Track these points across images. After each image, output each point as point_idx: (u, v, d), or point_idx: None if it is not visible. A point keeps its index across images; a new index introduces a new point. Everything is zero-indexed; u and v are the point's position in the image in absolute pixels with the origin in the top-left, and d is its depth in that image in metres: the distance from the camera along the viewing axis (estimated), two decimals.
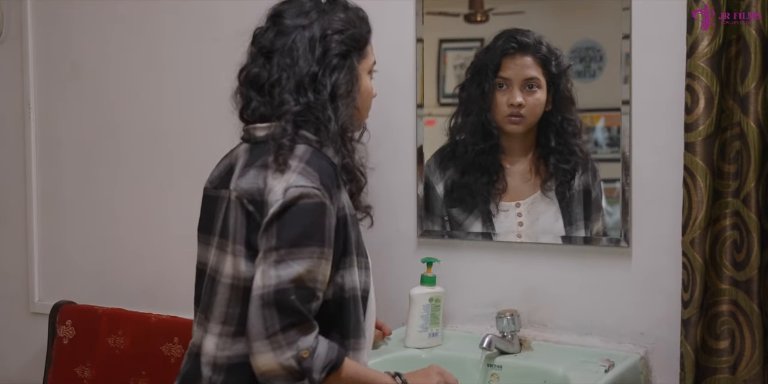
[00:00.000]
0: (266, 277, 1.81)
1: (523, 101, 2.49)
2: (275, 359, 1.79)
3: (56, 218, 3.38)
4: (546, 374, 2.31)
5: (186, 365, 2.02)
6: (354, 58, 2.01)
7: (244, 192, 1.91)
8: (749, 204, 2.09)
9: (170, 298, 3.05)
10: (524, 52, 2.49)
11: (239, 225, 1.90)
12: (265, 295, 1.80)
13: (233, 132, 2.94)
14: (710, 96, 2.11)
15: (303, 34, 1.98)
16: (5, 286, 3.49)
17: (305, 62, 1.96)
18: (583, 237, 2.46)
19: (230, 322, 1.90)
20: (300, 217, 1.84)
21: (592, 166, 2.47)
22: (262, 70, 2.00)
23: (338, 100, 1.97)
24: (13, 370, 3.48)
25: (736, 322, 2.15)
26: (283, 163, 1.88)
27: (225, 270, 1.92)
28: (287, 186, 1.85)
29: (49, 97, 3.36)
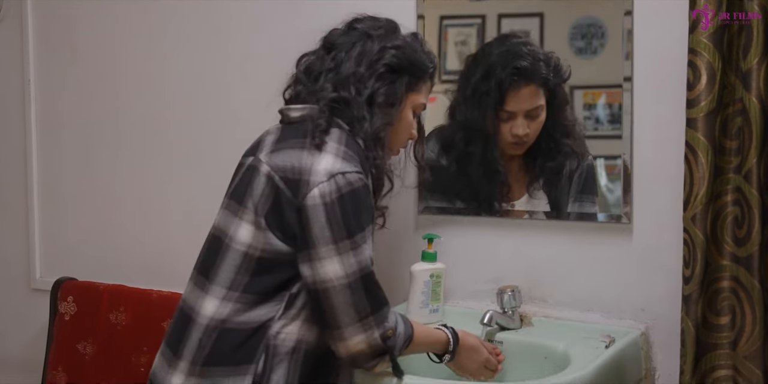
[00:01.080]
0: (347, 265, 1.89)
1: (528, 131, 2.49)
2: (366, 341, 1.91)
3: (57, 195, 3.38)
4: (547, 350, 2.31)
5: (175, 325, 2.06)
6: (404, 79, 2.09)
7: (277, 168, 1.96)
8: (751, 180, 2.09)
9: (171, 276, 3.06)
10: (527, 81, 2.47)
11: (265, 198, 1.95)
12: (353, 283, 1.89)
13: (233, 115, 2.97)
14: (712, 72, 2.11)
15: (366, 41, 2.08)
16: (6, 263, 3.50)
17: (355, 62, 2.05)
18: (584, 213, 2.46)
19: (236, 288, 1.95)
20: (356, 203, 1.92)
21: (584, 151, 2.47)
22: (317, 60, 2.11)
23: (375, 107, 2.04)
24: (14, 347, 3.49)
25: (736, 298, 2.15)
26: (321, 143, 1.95)
27: (240, 237, 1.96)
28: (332, 171, 1.92)
29: (49, 75, 3.36)
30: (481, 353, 2.20)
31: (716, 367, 2.17)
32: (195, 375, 1.95)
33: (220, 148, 3.01)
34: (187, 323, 2.00)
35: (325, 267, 1.89)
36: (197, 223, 3.03)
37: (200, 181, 3.06)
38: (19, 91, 3.39)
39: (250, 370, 1.91)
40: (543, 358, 2.30)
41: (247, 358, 1.92)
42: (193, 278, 2.07)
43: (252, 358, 1.92)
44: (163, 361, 2.04)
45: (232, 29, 2.99)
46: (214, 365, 1.94)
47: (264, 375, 1.91)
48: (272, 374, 1.92)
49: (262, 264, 1.94)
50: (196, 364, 1.95)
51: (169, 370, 2.00)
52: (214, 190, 3.00)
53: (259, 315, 1.93)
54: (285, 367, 1.92)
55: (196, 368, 1.95)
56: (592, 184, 2.45)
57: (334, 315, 1.90)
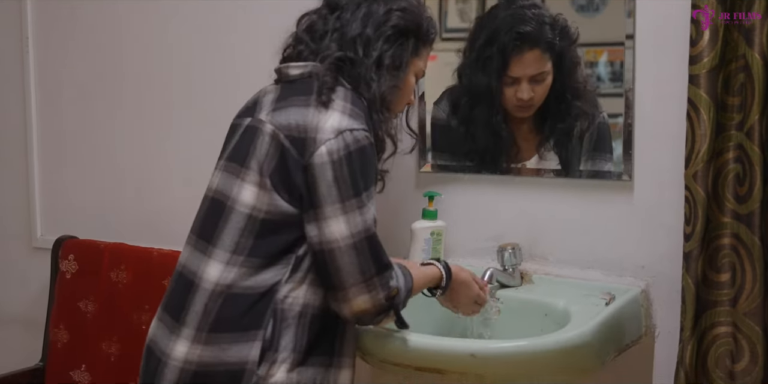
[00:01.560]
0: (352, 225, 1.88)
1: (533, 95, 2.47)
2: (371, 301, 1.90)
3: (57, 153, 3.38)
4: (547, 307, 2.32)
5: (175, 290, 2.03)
6: (410, 42, 2.08)
7: (282, 126, 1.94)
8: (753, 137, 2.09)
9: (172, 233, 3.04)
10: (531, 46, 2.45)
11: (269, 158, 1.93)
12: (358, 242, 1.88)
13: (233, 72, 2.96)
14: (715, 28, 2.10)
15: (371, 3, 2.05)
16: (7, 222, 3.51)
17: (362, 23, 2.02)
18: (585, 171, 2.45)
19: (240, 251, 1.92)
20: (363, 161, 1.91)
21: (595, 112, 2.45)
22: (320, 20, 2.08)
23: (382, 69, 2.03)
24: (16, 305, 3.51)
25: (737, 256, 2.15)
26: (328, 100, 1.94)
27: (243, 199, 1.94)
28: (340, 128, 1.90)
29: (48, 30, 3.35)
30: (472, 288, 2.21)
31: (716, 324, 2.17)
32: (201, 342, 1.92)
33: (220, 106, 2.97)
34: (189, 289, 1.96)
35: (331, 227, 1.87)
36: (197, 181, 3.02)
37: (200, 139, 3.05)
38: (17, 49, 3.38)
39: (258, 336, 1.89)
40: (543, 316, 2.31)
41: (254, 323, 1.90)
42: (191, 242, 2.04)
43: (260, 324, 1.90)
44: (164, 328, 2.01)
45: None
46: (221, 331, 1.91)
47: (273, 340, 1.89)
48: (281, 339, 1.90)
49: (266, 226, 1.92)
50: (202, 330, 1.92)
51: (171, 337, 1.97)
52: (214, 148, 3.00)
53: (266, 279, 1.91)
54: (293, 332, 1.91)
55: (201, 335, 1.92)
56: (605, 142, 2.43)
57: (339, 276, 1.89)
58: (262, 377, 1.89)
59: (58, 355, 3.18)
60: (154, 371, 1.99)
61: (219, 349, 1.91)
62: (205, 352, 1.92)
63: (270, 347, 1.90)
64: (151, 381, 1.99)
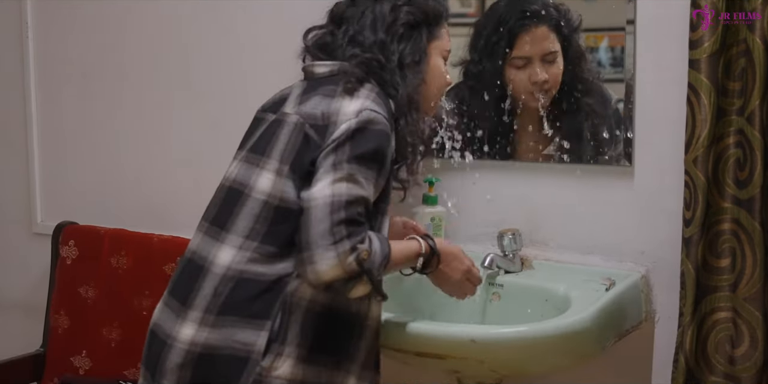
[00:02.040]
0: (336, 187, 1.84)
1: (547, 76, 2.47)
2: (338, 263, 1.81)
3: (57, 139, 3.37)
4: (547, 293, 2.32)
5: (183, 275, 2.02)
6: (423, 32, 2.06)
7: (307, 116, 1.94)
8: (753, 122, 2.08)
9: (172, 219, 3.06)
10: (538, 23, 2.45)
11: (291, 146, 1.93)
12: (336, 202, 1.83)
13: (235, 56, 2.95)
14: (716, 12, 2.09)
15: (374, 7, 2.04)
16: (7, 208, 3.51)
17: (372, 31, 2.02)
18: (585, 156, 2.45)
19: (254, 237, 1.92)
20: (372, 138, 1.89)
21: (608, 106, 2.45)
22: (328, 35, 2.07)
23: (406, 69, 2.02)
24: (17, 291, 3.51)
25: (737, 241, 2.15)
26: (354, 89, 1.93)
27: (260, 186, 1.94)
28: (361, 108, 1.90)
29: (47, 15, 3.34)
30: (463, 261, 2.13)
31: (716, 309, 2.18)
32: (208, 325, 1.91)
33: (221, 91, 3.00)
34: (199, 273, 1.95)
35: (317, 186, 1.85)
36: (197, 167, 3.05)
37: (201, 124, 3.05)
38: (16, 33, 3.37)
39: (266, 326, 1.88)
40: (543, 301, 2.31)
41: (263, 311, 1.89)
42: (202, 229, 2.02)
43: (269, 313, 1.88)
44: (169, 312, 2.00)
45: None
46: (229, 314, 1.90)
47: (280, 332, 1.88)
48: (288, 332, 1.89)
49: (280, 213, 1.91)
50: (210, 312, 1.91)
51: (178, 321, 1.95)
52: (214, 134, 3.01)
53: (278, 269, 1.90)
54: (299, 327, 1.89)
55: (209, 318, 1.91)
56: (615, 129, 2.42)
57: (308, 234, 1.82)
58: (266, 368, 1.88)
59: (58, 340, 3.18)
60: (158, 354, 1.97)
61: (226, 332, 1.90)
62: (212, 335, 1.91)
63: (276, 339, 1.88)
64: (155, 363, 1.97)
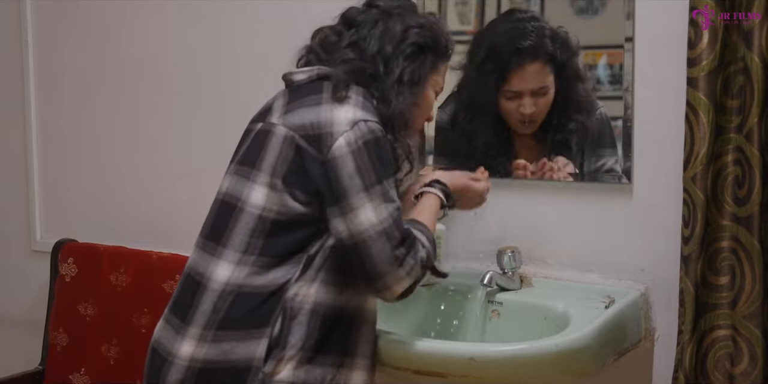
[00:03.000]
0: (379, 212, 1.87)
1: (535, 110, 2.47)
2: (410, 278, 1.90)
3: (57, 156, 3.38)
4: (546, 310, 2.32)
5: (183, 292, 2.02)
6: (428, 59, 2.07)
7: (295, 127, 1.94)
8: (752, 139, 2.08)
9: (171, 236, 3.06)
10: (532, 59, 2.46)
11: (282, 159, 1.93)
12: (387, 228, 1.87)
13: (236, 69, 2.95)
14: (714, 30, 2.09)
15: (387, 21, 2.04)
16: (7, 224, 3.51)
17: (379, 41, 2.02)
18: (584, 174, 2.45)
19: (251, 251, 1.92)
20: (380, 151, 1.91)
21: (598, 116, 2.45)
22: (335, 34, 2.08)
23: (403, 86, 2.02)
24: (16, 308, 3.50)
25: (736, 258, 2.15)
26: (343, 97, 1.93)
27: (253, 200, 1.94)
28: (354, 119, 1.90)
29: (47, 32, 3.34)
30: (474, 188, 2.27)
31: (715, 327, 2.17)
32: (207, 341, 1.91)
33: (221, 109, 3.00)
34: (197, 289, 1.96)
35: (360, 217, 1.86)
36: (197, 184, 3.04)
37: (201, 142, 3.05)
38: (17, 50, 3.38)
39: (265, 334, 1.89)
40: (542, 319, 2.31)
41: (262, 321, 1.89)
42: (199, 245, 2.03)
43: (268, 321, 1.89)
44: (169, 329, 2.00)
45: None
46: (228, 329, 1.91)
47: (280, 337, 1.88)
48: (289, 336, 1.89)
49: (277, 225, 1.92)
50: (209, 328, 1.92)
51: (177, 338, 1.96)
52: (215, 150, 3.00)
53: (276, 277, 1.91)
54: (303, 329, 1.90)
55: (209, 333, 1.92)
56: (605, 135, 2.43)
57: (374, 265, 1.87)
58: (268, 374, 1.88)
59: (57, 358, 3.18)
60: (158, 371, 1.98)
61: (226, 346, 1.90)
62: (211, 350, 1.91)
63: (277, 345, 1.89)
64: (156, 381, 1.99)
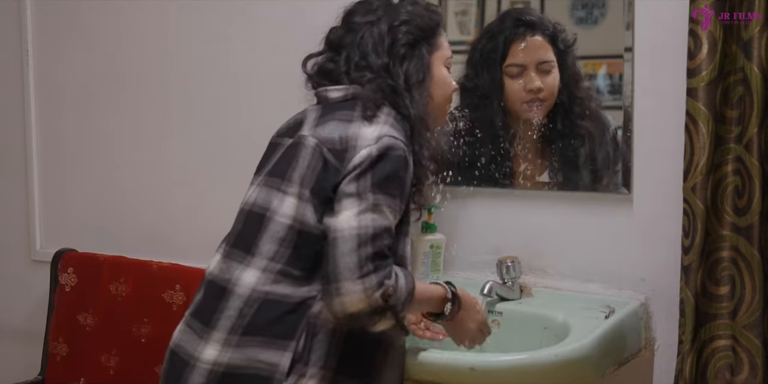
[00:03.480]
0: (363, 218, 1.85)
1: (542, 85, 2.47)
2: (365, 297, 1.83)
3: (57, 166, 3.37)
4: (546, 320, 2.32)
5: (207, 297, 2.01)
6: (423, 47, 2.06)
7: (324, 140, 1.94)
8: (751, 149, 2.09)
9: (171, 246, 3.06)
10: (533, 32, 2.46)
11: (311, 170, 1.93)
12: (363, 235, 1.84)
13: (236, 80, 2.96)
14: (713, 41, 2.10)
15: (371, 30, 2.04)
16: (6, 234, 3.50)
17: (375, 55, 2.02)
18: (584, 184, 2.45)
19: (279, 260, 1.92)
20: (395, 168, 1.90)
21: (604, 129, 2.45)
22: (330, 62, 2.08)
23: (412, 89, 2.02)
24: (15, 318, 3.50)
25: (736, 268, 2.15)
26: (372, 115, 1.94)
27: (284, 210, 1.94)
28: (380, 134, 1.90)
29: (47, 43, 3.34)
30: (479, 312, 2.15)
31: (715, 337, 2.17)
32: (231, 345, 1.91)
33: (220, 116, 3.00)
34: (223, 294, 1.95)
35: (340, 217, 1.86)
36: (197, 192, 3.05)
37: (200, 150, 3.05)
38: (17, 60, 3.38)
39: (290, 347, 1.88)
40: (542, 329, 2.31)
41: (287, 332, 1.89)
42: (224, 253, 2.02)
43: (293, 335, 1.89)
44: (191, 333, 1.99)
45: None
46: (253, 335, 1.90)
47: (303, 353, 1.88)
48: (311, 354, 1.88)
49: (302, 237, 1.92)
50: (234, 333, 1.91)
51: (200, 342, 1.95)
52: (213, 159, 3.02)
53: (302, 291, 1.91)
54: (324, 348, 1.89)
55: (233, 338, 1.91)
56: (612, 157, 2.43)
57: (336, 266, 1.83)
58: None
59: (57, 368, 3.17)
60: (179, 374, 1.97)
61: (250, 352, 1.90)
62: (235, 355, 1.91)
63: (300, 359, 1.88)
64: None
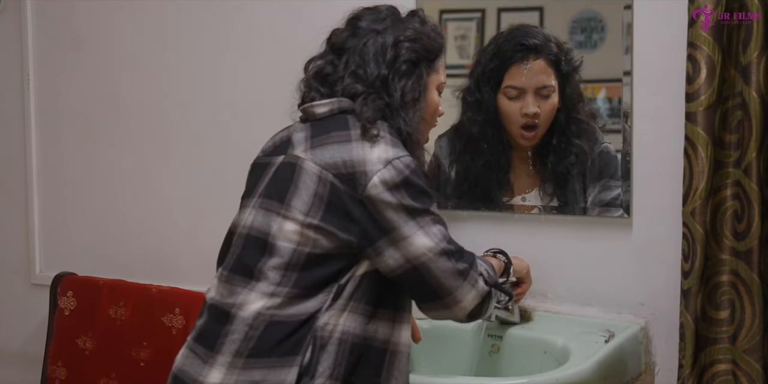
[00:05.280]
0: (432, 235, 1.90)
1: (539, 110, 2.47)
2: (477, 293, 1.94)
3: (57, 189, 3.38)
4: (546, 344, 2.32)
5: (210, 322, 2.00)
6: (423, 68, 2.05)
7: (328, 165, 1.92)
8: (750, 174, 2.09)
9: (171, 269, 3.06)
10: (535, 55, 2.45)
11: (319, 200, 1.91)
12: (445, 248, 1.91)
13: (235, 105, 2.96)
14: (712, 65, 2.11)
15: (376, 39, 2.02)
16: (6, 258, 3.50)
17: (375, 65, 2.01)
18: (583, 208, 2.45)
19: (285, 284, 1.91)
20: (417, 182, 1.92)
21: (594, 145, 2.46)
22: (329, 65, 2.06)
23: (407, 106, 2.01)
24: (14, 341, 3.49)
25: (736, 293, 2.15)
26: (375, 135, 1.93)
27: (286, 235, 1.92)
28: (388, 158, 1.90)
29: (48, 68, 3.35)
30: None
31: (715, 361, 2.17)
32: (237, 368, 1.90)
33: (219, 141, 3.01)
34: (227, 319, 1.94)
35: (414, 243, 1.88)
36: (197, 216, 3.05)
37: (199, 174, 3.06)
38: (18, 84, 3.39)
39: (295, 362, 1.87)
40: (543, 353, 2.31)
41: (293, 349, 1.88)
42: (224, 278, 2.00)
43: (298, 350, 1.88)
44: (194, 357, 1.98)
45: (235, 19, 2.98)
46: (259, 357, 1.89)
47: (310, 366, 1.87)
48: (318, 365, 1.88)
49: (312, 259, 1.91)
50: (240, 356, 1.90)
51: (205, 366, 1.93)
52: (213, 183, 3.02)
53: (308, 307, 1.90)
54: (332, 358, 1.88)
55: (239, 361, 1.90)
56: (610, 167, 2.43)
57: (441, 283, 1.90)
58: None
59: None
60: None
61: (256, 374, 1.89)
62: (241, 378, 1.89)
63: (307, 373, 1.87)
64: None
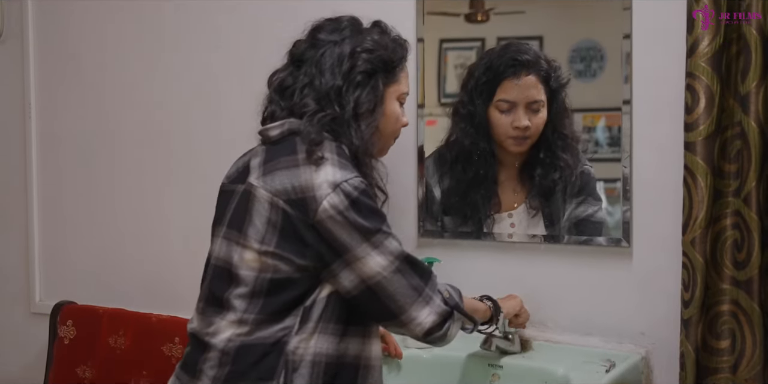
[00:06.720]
0: (387, 253, 1.92)
1: (530, 123, 2.48)
2: (434, 311, 1.94)
3: (57, 218, 3.38)
4: (547, 374, 2.31)
5: (191, 350, 2.03)
6: (380, 79, 2.06)
7: (278, 192, 1.94)
8: (750, 203, 2.09)
9: (171, 298, 3.06)
10: (527, 71, 2.46)
11: (272, 227, 1.93)
12: (400, 265, 1.92)
13: (233, 132, 2.97)
14: (711, 95, 2.11)
15: (333, 50, 2.04)
16: (6, 286, 3.50)
17: (331, 75, 2.02)
18: (583, 238, 2.45)
19: (251, 311, 1.94)
20: (367, 203, 1.93)
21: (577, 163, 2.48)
22: (289, 77, 2.08)
23: (360, 118, 2.02)
24: (14, 370, 3.48)
25: (736, 322, 2.14)
26: (319, 158, 1.94)
27: (246, 263, 1.95)
28: (335, 181, 1.91)
29: (49, 96, 3.37)
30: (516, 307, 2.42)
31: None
32: None
33: (219, 169, 3.00)
34: (204, 346, 1.98)
35: (369, 263, 1.89)
36: (196, 245, 3.03)
37: (199, 202, 3.05)
38: (19, 112, 3.40)
39: None
40: (543, 383, 2.30)
41: (267, 374, 1.90)
42: (200, 310, 2.04)
43: (272, 375, 1.90)
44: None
45: (234, 47, 2.99)
46: (236, 380, 1.92)
47: None
48: None
49: (275, 284, 1.93)
50: (218, 381, 1.93)
51: None
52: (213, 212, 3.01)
53: (276, 330, 1.92)
54: (305, 380, 1.90)
55: None
56: (589, 186, 2.45)
57: (396, 301, 1.91)
58: None
59: None
60: None
61: None
62: None
63: None
64: None
